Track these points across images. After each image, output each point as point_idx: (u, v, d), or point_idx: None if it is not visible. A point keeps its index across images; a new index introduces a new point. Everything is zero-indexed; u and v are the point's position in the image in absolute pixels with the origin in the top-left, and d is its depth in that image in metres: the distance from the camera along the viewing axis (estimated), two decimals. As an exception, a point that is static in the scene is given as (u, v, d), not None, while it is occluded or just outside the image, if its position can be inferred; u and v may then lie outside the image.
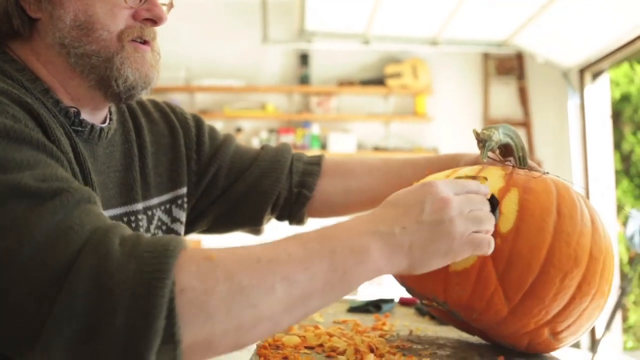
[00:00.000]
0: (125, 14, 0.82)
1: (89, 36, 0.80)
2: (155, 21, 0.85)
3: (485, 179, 0.78)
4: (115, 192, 0.91)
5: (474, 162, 1.00)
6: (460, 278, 0.77)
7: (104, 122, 0.90)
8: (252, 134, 4.76)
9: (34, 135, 0.65)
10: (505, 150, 0.91)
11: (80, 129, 0.84)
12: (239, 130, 4.70)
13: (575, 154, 4.41)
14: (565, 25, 3.81)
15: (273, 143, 4.58)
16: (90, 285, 0.54)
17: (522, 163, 0.90)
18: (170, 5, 0.91)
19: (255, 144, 4.65)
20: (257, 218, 1.10)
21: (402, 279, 0.85)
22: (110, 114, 0.92)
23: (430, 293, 0.81)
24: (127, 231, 0.60)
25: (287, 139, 4.65)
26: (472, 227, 0.67)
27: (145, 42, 0.85)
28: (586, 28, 3.77)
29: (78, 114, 0.83)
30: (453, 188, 0.69)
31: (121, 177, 0.93)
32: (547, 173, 0.87)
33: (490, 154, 0.89)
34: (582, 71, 4.34)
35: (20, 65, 0.81)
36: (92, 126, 0.86)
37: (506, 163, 0.90)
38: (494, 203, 0.72)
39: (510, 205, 0.78)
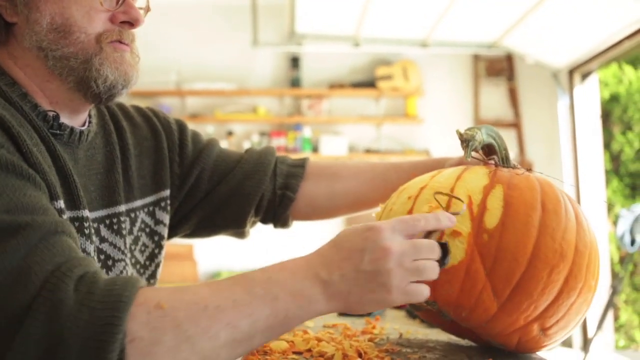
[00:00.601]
0: (102, 17, 0.82)
1: (67, 39, 0.80)
2: (132, 24, 0.85)
3: (461, 200, 0.78)
4: (97, 195, 0.90)
5: (459, 163, 1.00)
6: (449, 275, 0.77)
7: (83, 125, 0.90)
8: (244, 137, 4.74)
9: (3, 156, 0.66)
10: (488, 150, 0.92)
11: (59, 132, 0.83)
12: (230, 133, 4.69)
13: (566, 154, 4.42)
14: (555, 26, 3.83)
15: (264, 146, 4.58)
16: (44, 333, 0.56)
17: (504, 162, 0.91)
18: (147, 9, 0.90)
19: (247, 147, 4.62)
20: (240, 220, 1.10)
21: None
22: (90, 117, 0.92)
23: None
24: (87, 268, 0.61)
25: (279, 142, 4.64)
26: (410, 277, 0.67)
27: (123, 42, 0.85)
28: (575, 29, 3.79)
29: (57, 117, 0.83)
30: (401, 231, 0.68)
31: (103, 179, 0.92)
32: (530, 170, 0.88)
33: (473, 153, 0.90)
34: (571, 72, 4.36)
35: None
36: (72, 129, 0.85)
37: (489, 162, 0.90)
38: (445, 249, 0.71)
39: (495, 202, 0.79)
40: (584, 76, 4.35)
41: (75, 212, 0.82)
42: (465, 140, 0.87)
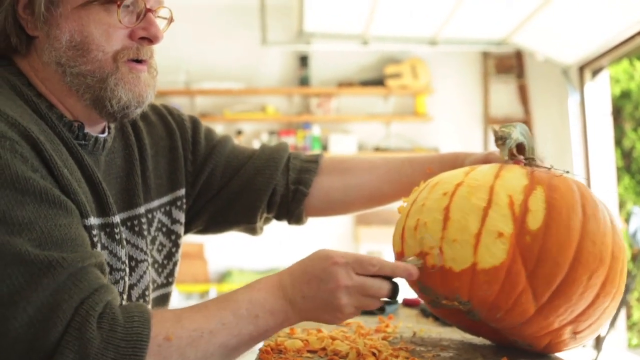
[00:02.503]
0: (120, 34, 0.83)
1: (85, 57, 0.81)
2: (151, 40, 0.85)
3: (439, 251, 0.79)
4: (118, 198, 0.92)
5: (482, 160, 0.98)
6: (489, 276, 0.76)
7: (103, 132, 0.92)
8: (253, 136, 4.75)
9: (37, 184, 0.70)
10: (517, 149, 0.90)
11: (84, 142, 0.86)
12: (239, 132, 4.69)
13: (576, 152, 4.39)
14: (564, 23, 3.80)
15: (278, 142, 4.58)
16: None
17: (532, 162, 0.89)
18: (170, 20, 0.91)
19: (256, 146, 4.62)
20: (251, 215, 1.10)
21: (420, 278, 0.81)
22: (109, 123, 0.93)
23: (453, 292, 0.79)
24: (106, 298, 0.69)
25: (288, 140, 4.63)
26: (357, 305, 0.77)
27: (141, 61, 0.86)
28: (585, 25, 3.76)
29: (82, 127, 0.85)
30: (355, 269, 0.76)
31: (122, 182, 0.94)
32: (568, 172, 0.87)
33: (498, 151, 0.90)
34: (581, 68, 4.32)
35: (26, 80, 0.83)
36: (96, 138, 0.88)
37: (520, 161, 0.89)
38: (395, 288, 0.78)
39: (537, 203, 0.78)
40: (595, 72, 4.32)
41: (106, 218, 0.85)
42: (502, 138, 0.86)
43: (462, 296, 0.78)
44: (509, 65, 4.81)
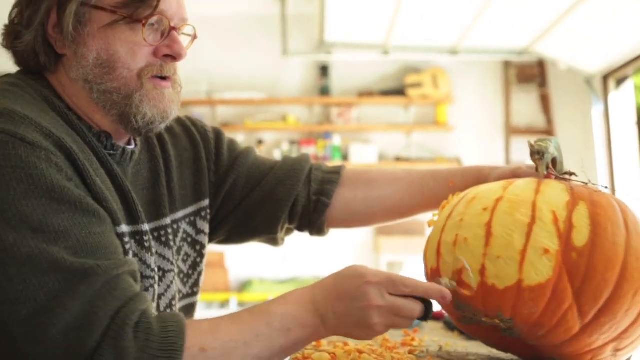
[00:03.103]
0: (145, 52, 0.85)
1: (110, 74, 0.83)
2: (175, 57, 0.87)
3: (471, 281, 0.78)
4: (144, 209, 0.92)
5: (510, 175, 0.96)
6: (534, 293, 0.74)
7: (129, 143, 0.93)
8: (274, 146, 4.76)
9: (72, 193, 0.72)
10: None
11: (112, 152, 0.87)
12: (260, 142, 4.71)
13: (601, 162, 4.33)
14: (588, 32, 3.76)
15: (294, 155, 4.55)
16: None
17: (562, 176, 0.88)
18: (194, 37, 0.93)
19: (277, 155, 4.65)
20: (273, 226, 1.10)
21: (459, 296, 0.79)
22: (134, 137, 0.95)
23: (494, 310, 0.77)
24: (141, 307, 0.70)
25: (308, 150, 4.64)
26: (388, 325, 0.78)
27: (165, 78, 0.87)
28: (609, 34, 3.72)
29: (110, 138, 0.87)
30: (387, 289, 0.76)
31: (149, 193, 0.96)
32: (606, 188, 0.86)
33: (526, 165, 0.88)
34: (605, 77, 4.26)
35: (57, 92, 0.85)
36: (124, 149, 0.90)
37: (554, 176, 0.87)
38: (427, 308, 0.77)
39: (581, 219, 0.76)
40: (619, 82, 4.26)
41: (135, 226, 0.87)
42: (539, 153, 0.85)
43: (504, 314, 0.77)
44: (531, 74, 4.77)
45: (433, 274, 0.84)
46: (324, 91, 4.73)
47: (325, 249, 4.42)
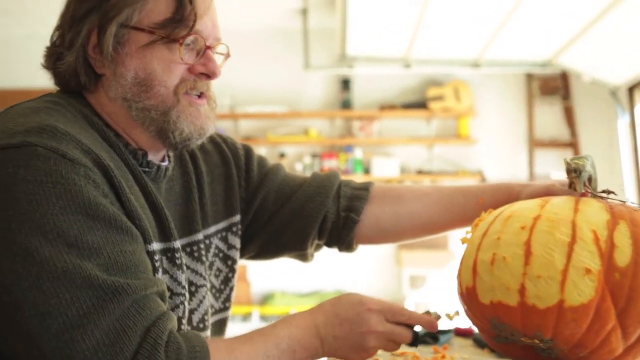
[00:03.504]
0: (181, 69, 0.86)
1: (148, 92, 0.85)
2: (209, 75, 0.89)
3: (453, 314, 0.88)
4: (177, 224, 0.94)
5: (543, 192, 0.94)
6: (577, 314, 0.72)
7: (163, 159, 0.95)
8: (296, 159, 4.76)
9: (107, 210, 0.73)
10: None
11: (147, 169, 0.89)
12: (282, 155, 4.72)
13: (627, 175, 4.25)
14: (612, 43, 3.71)
15: (316, 168, 4.61)
16: None
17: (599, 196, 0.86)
18: (227, 55, 0.95)
19: (299, 169, 4.65)
20: (303, 242, 1.09)
21: (497, 316, 0.78)
22: (168, 151, 0.97)
23: (534, 330, 0.75)
24: (169, 325, 0.72)
25: (330, 163, 4.64)
26: (381, 348, 0.84)
27: (200, 95, 0.89)
28: (634, 45, 3.66)
29: (145, 155, 0.89)
30: (386, 317, 0.83)
31: (182, 209, 0.97)
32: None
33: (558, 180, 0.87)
34: (631, 89, 4.20)
35: (95, 110, 0.87)
36: (158, 166, 0.91)
37: (589, 194, 0.85)
38: (416, 336, 0.85)
39: (623, 239, 0.74)
40: (645, 93, 4.19)
41: (167, 243, 0.88)
42: (576, 170, 0.84)
43: (544, 334, 0.74)
44: (554, 86, 4.71)
45: (469, 293, 0.82)
46: (346, 104, 4.73)
47: (348, 262, 4.38)
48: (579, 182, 0.83)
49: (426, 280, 4.53)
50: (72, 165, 0.72)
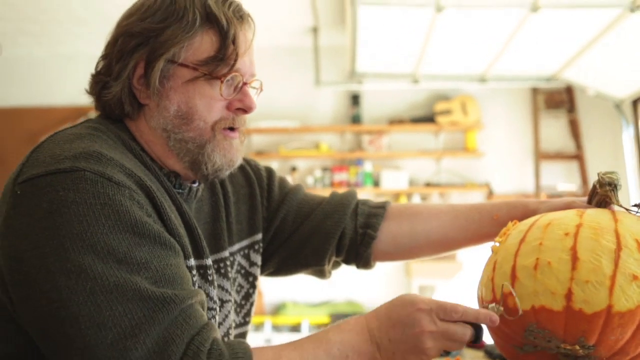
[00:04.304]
0: (220, 106, 0.90)
1: (188, 125, 0.88)
2: (245, 110, 0.92)
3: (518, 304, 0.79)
4: (206, 242, 0.96)
5: (563, 207, 0.94)
6: (624, 319, 0.72)
7: (193, 181, 0.97)
8: (307, 172, 4.80)
9: (152, 228, 0.76)
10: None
11: (180, 190, 0.93)
12: (294, 169, 4.76)
13: (633, 187, 4.25)
14: (616, 58, 3.73)
15: (327, 181, 4.64)
16: None
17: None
18: (260, 89, 0.99)
19: (310, 182, 4.68)
20: (321, 258, 1.11)
21: (538, 322, 0.77)
22: (200, 182, 0.99)
23: (577, 335, 0.74)
24: (212, 335, 0.74)
25: (341, 177, 4.67)
26: (440, 349, 0.81)
27: (234, 129, 0.92)
28: (637, 59, 3.68)
29: (179, 177, 0.92)
30: (438, 315, 0.79)
31: (210, 227, 1.00)
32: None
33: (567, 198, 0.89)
34: (635, 102, 4.21)
35: (132, 136, 0.90)
36: (190, 188, 0.95)
37: (612, 207, 0.88)
38: (478, 332, 0.80)
39: None
40: (649, 107, 4.21)
41: (200, 260, 0.91)
42: (610, 184, 0.86)
43: (588, 340, 0.74)
44: (559, 100, 4.73)
45: (506, 299, 0.82)
46: (356, 119, 4.77)
47: (358, 272, 4.39)
48: (614, 195, 0.85)
49: (435, 291, 4.54)
50: (117, 187, 0.75)
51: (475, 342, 0.80)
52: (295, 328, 4.52)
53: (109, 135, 0.87)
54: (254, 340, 0.84)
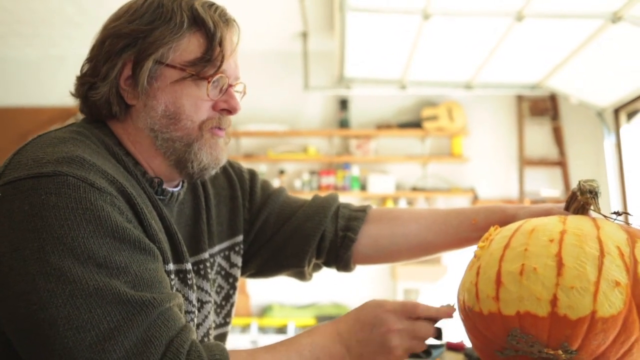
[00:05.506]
0: (206, 106, 0.90)
1: (176, 125, 0.89)
2: (230, 111, 0.93)
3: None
4: (186, 244, 0.96)
5: (543, 214, 0.95)
6: (607, 325, 0.72)
7: (177, 185, 0.98)
8: (295, 176, 4.80)
9: (132, 233, 0.76)
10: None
11: (162, 197, 0.92)
12: (282, 172, 4.75)
13: (613, 194, 4.29)
14: (598, 67, 3.77)
15: (315, 184, 4.64)
16: None
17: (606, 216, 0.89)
18: (244, 93, 0.99)
19: (297, 185, 4.68)
20: (300, 259, 1.11)
21: (521, 327, 0.77)
22: (185, 181, 1.00)
23: (560, 340, 0.74)
24: (190, 337, 0.75)
25: (328, 180, 4.67)
26: (406, 346, 0.84)
27: (221, 128, 0.93)
28: (619, 69, 3.73)
29: (161, 183, 0.92)
30: (403, 314, 0.84)
31: (190, 230, 1.00)
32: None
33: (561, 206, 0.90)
34: (616, 111, 4.26)
35: (117, 140, 0.90)
36: (172, 193, 0.94)
37: (589, 214, 0.88)
38: (439, 331, 0.85)
39: None
40: (630, 115, 4.24)
41: (180, 265, 0.91)
42: (591, 192, 0.87)
43: (570, 345, 0.74)
44: (544, 107, 4.77)
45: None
46: (344, 124, 4.77)
47: (344, 275, 4.39)
48: (595, 202, 0.86)
49: (420, 294, 4.55)
50: (99, 193, 0.75)
51: (438, 338, 0.85)
52: (282, 330, 4.51)
53: (93, 140, 0.86)
54: (239, 341, 0.83)
